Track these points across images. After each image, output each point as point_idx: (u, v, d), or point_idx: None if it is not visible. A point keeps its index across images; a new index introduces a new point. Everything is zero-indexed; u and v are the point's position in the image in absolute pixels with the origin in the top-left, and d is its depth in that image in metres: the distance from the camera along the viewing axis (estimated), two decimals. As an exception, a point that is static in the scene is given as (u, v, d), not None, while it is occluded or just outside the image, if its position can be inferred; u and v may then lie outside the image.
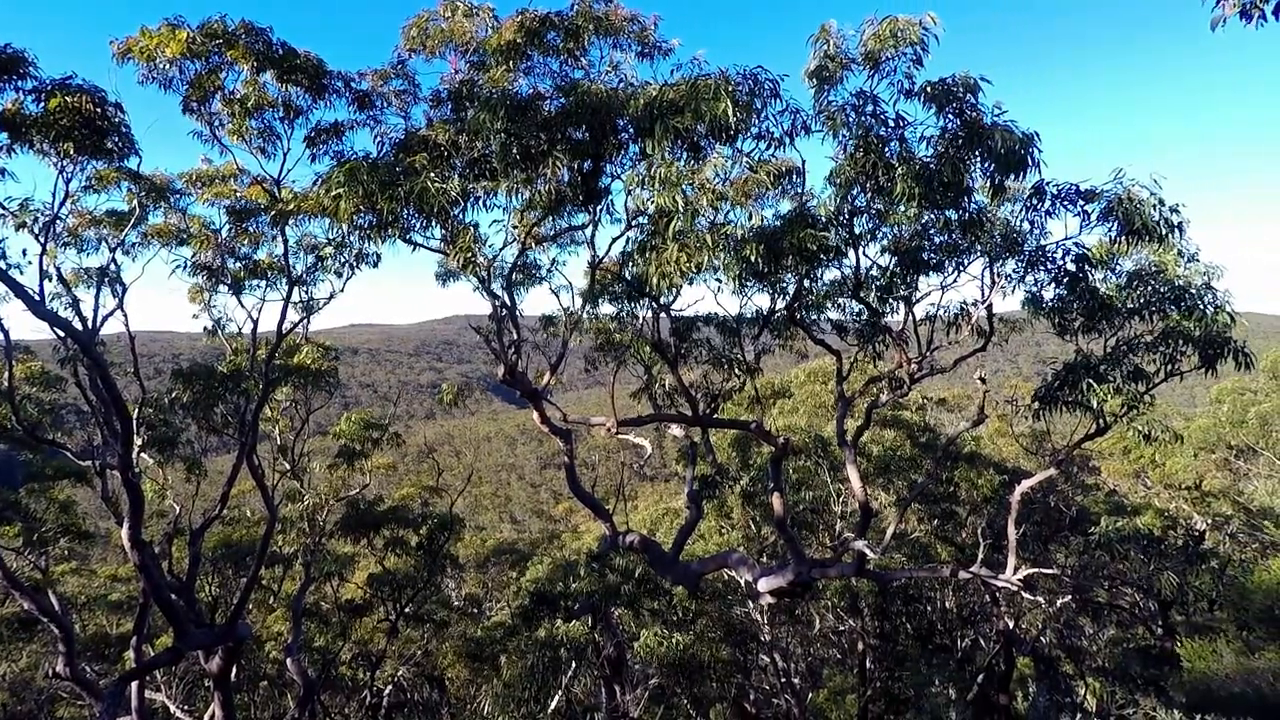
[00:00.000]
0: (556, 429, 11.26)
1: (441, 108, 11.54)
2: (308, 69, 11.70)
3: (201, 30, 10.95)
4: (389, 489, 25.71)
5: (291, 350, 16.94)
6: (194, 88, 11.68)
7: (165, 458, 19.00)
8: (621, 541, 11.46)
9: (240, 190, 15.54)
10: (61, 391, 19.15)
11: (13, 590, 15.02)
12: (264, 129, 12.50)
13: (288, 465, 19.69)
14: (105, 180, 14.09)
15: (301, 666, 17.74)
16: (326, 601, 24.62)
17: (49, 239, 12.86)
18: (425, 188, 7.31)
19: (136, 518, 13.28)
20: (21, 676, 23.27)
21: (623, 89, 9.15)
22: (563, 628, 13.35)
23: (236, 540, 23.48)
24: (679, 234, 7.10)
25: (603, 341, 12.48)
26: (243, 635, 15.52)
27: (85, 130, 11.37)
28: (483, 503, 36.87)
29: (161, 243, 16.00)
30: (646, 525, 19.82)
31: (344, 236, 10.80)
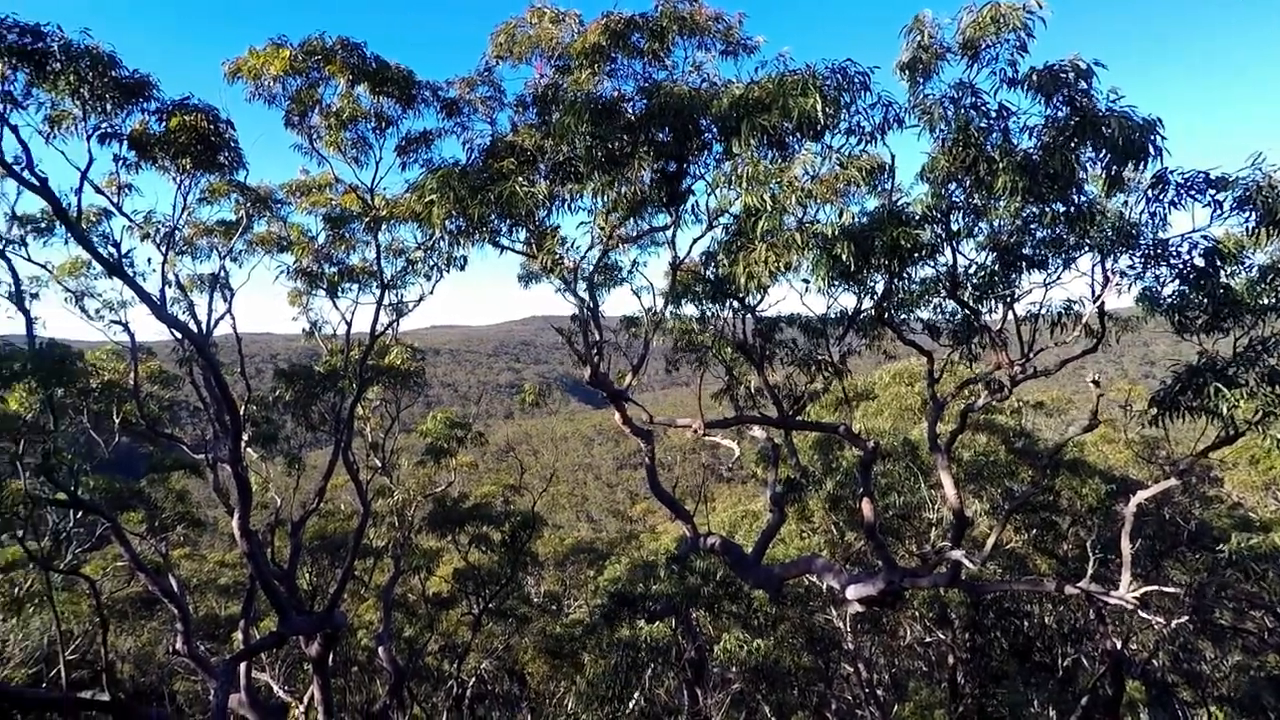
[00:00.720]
0: (638, 429, 11.28)
1: (526, 113, 11.77)
2: (398, 80, 12.20)
3: (302, 48, 11.58)
4: (471, 486, 26.44)
5: (382, 351, 17.67)
6: (295, 103, 12.36)
7: (268, 453, 20.16)
8: (702, 543, 11.38)
9: (336, 199, 16.34)
10: (178, 389, 20.59)
11: (138, 571, 16.25)
12: (357, 140, 13.11)
13: (378, 462, 20.54)
14: (217, 192, 15.10)
15: (392, 655, 18.46)
16: (414, 593, 25.54)
17: (169, 248, 13.87)
18: (513, 191, 7.45)
19: (245, 508, 14.16)
20: (144, 651, 25.04)
21: (706, 89, 9.09)
22: (644, 629, 13.37)
23: (331, 532, 24.67)
24: (767, 233, 6.98)
25: (684, 342, 12.44)
26: (339, 623, 16.29)
27: (200, 146, 12.20)
28: (560, 502, 37.40)
29: (265, 250, 17.01)
30: (725, 527, 19.64)
31: (434, 240, 11.15)
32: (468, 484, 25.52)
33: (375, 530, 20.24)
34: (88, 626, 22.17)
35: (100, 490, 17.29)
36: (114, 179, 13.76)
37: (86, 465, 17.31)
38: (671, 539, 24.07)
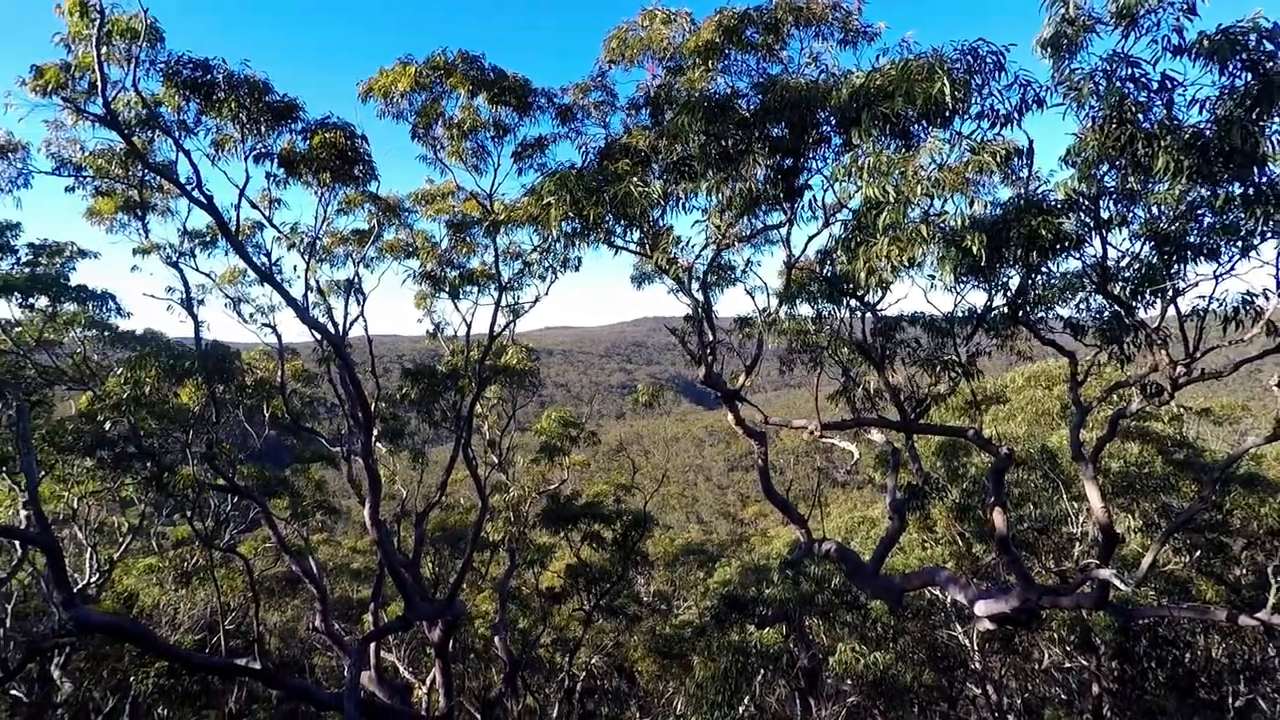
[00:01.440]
0: (752, 431, 11.09)
1: (638, 114, 11.87)
2: (515, 89, 12.65)
3: (427, 64, 12.25)
4: (584, 485, 26.97)
5: (500, 351, 18.35)
6: (420, 116, 13.10)
7: (395, 447, 21.45)
8: (816, 549, 11.03)
9: (457, 205, 17.16)
10: (318, 387, 22.28)
11: (284, 553, 17.72)
12: (477, 148, 13.72)
13: (496, 459, 21.35)
14: (352, 203, 16.25)
15: (507, 644, 19.13)
16: (528, 587, 26.35)
17: (311, 256, 15.02)
18: (629, 192, 7.50)
19: (375, 499, 15.11)
20: (288, 626, 27.23)
21: (824, 80, 8.81)
22: (755, 633, 13.13)
23: (451, 525, 25.90)
24: (889, 226, 6.64)
25: (798, 343, 12.12)
26: (459, 611, 17.07)
27: (339, 161, 13.18)
28: (670, 502, 37.46)
29: (393, 256, 18.11)
30: (841, 533, 18.98)
31: (550, 242, 11.44)
32: (580, 482, 26.08)
33: (492, 524, 21.03)
34: (242, 601, 24.38)
35: (252, 478, 18.90)
36: (265, 194, 15.11)
37: (241, 455, 19.06)
38: (784, 543, 23.56)
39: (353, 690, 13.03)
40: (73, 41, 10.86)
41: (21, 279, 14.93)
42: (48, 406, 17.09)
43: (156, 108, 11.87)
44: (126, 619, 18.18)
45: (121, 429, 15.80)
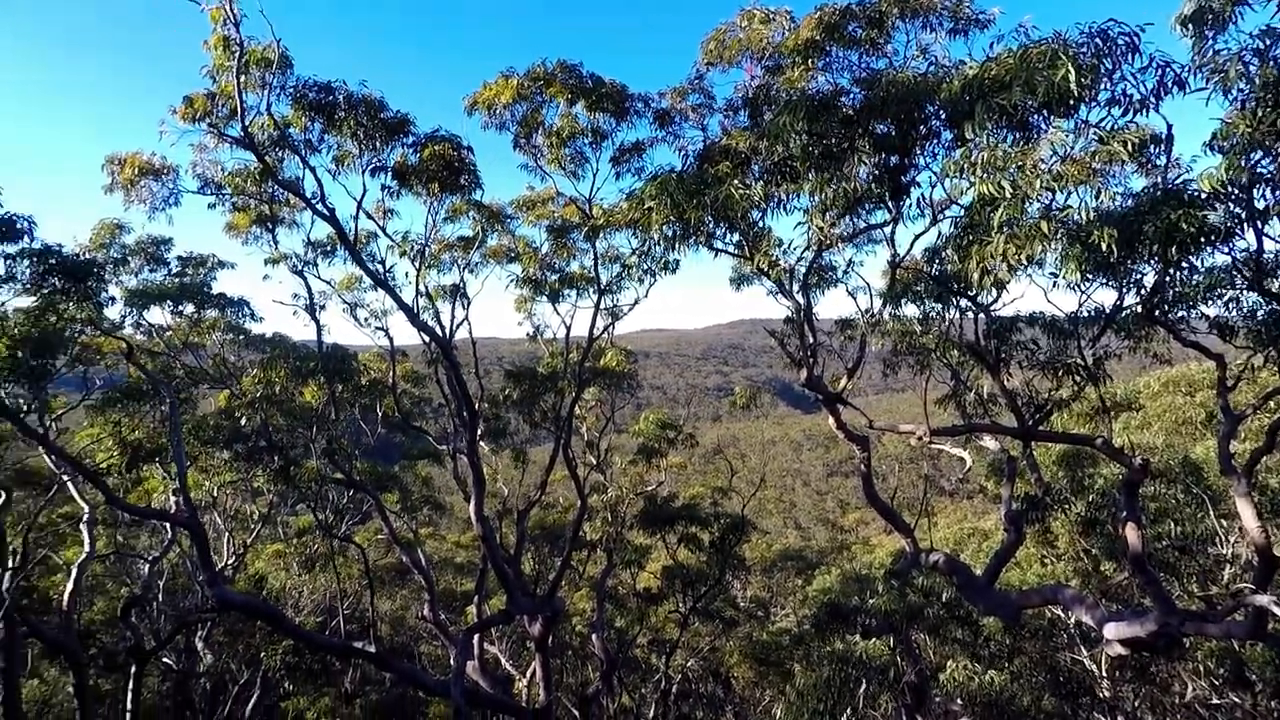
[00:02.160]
0: (854, 435, 10.76)
1: (737, 116, 11.80)
2: (613, 95, 12.85)
3: (527, 75, 12.65)
4: (680, 487, 27.00)
5: (598, 354, 18.65)
6: (522, 126, 13.55)
7: (497, 446, 22.19)
8: (924, 560, 10.57)
9: (557, 211, 17.58)
10: (425, 387, 23.37)
11: (394, 544, 18.73)
12: (575, 155, 14.04)
13: (594, 459, 21.71)
14: (457, 211, 16.96)
15: (604, 643, 19.39)
16: (624, 587, 26.63)
17: (421, 263, 15.78)
18: (729, 195, 7.46)
19: (480, 495, 15.69)
20: (397, 614, 28.70)
21: (932, 73, 8.46)
22: (859, 644, 12.72)
23: (550, 523, 26.51)
24: (1005, 223, 6.29)
25: (904, 345, 11.68)
26: (558, 608, 17.48)
27: (446, 172, 13.80)
28: (767, 506, 36.80)
29: (496, 261, 18.75)
30: (949, 544, 18.09)
31: (649, 246, 11.54)
32: (677, 484, 26.14)
33: (590, 524, 21.41)
34: (357, 588, 25.92)
35: (366, 473, 20.02)
36: (380, 205, 16.03)
37: (356, 451, 20.26)
38: (887, 552, 22.73)
39: (459, 678, 13.59)
40: (216, 72, 11.91)
41: (172, 288, 16.47)
42: (193, 404, 18.72)
43: (286, 129, 12.86)
44: (259, 599, 19.77)
45: (254, 425, 17.14)
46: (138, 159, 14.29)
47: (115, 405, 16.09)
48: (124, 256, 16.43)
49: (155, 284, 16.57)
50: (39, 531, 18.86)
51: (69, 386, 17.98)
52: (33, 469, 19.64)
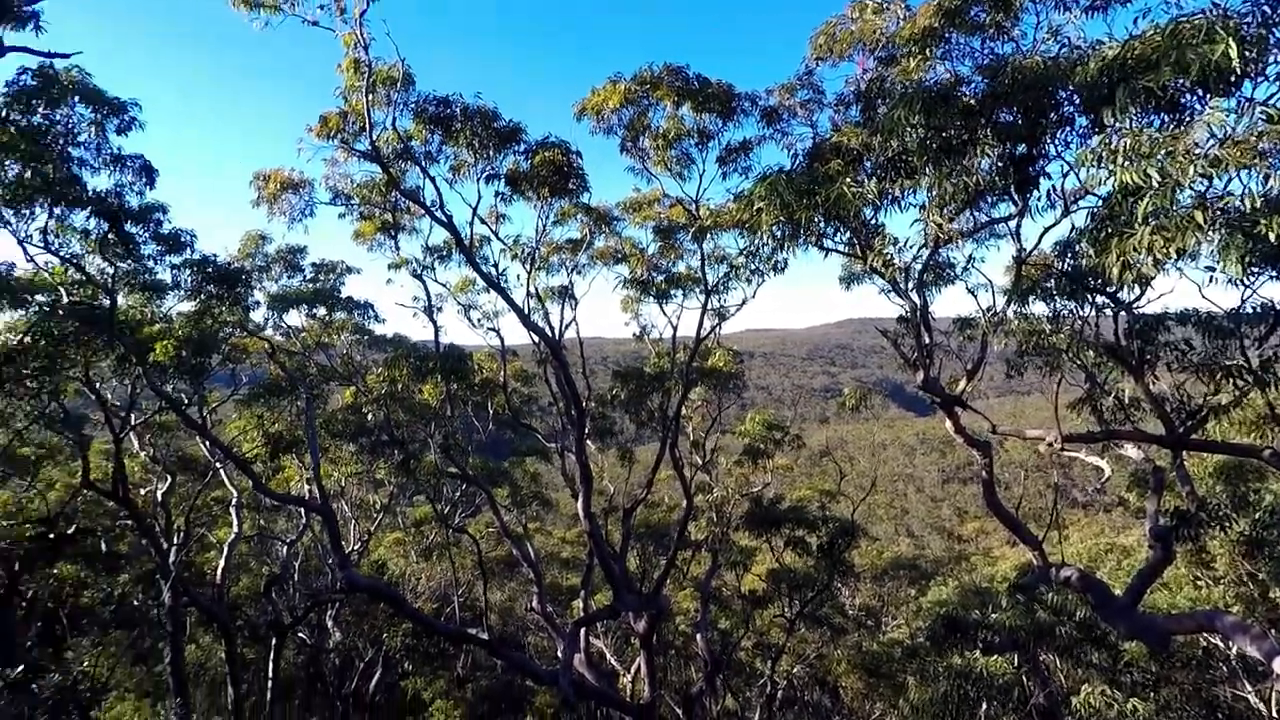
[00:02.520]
0: (974, 440, 10.21)
1: (848, 111, 11.46)
2: (719, 96, 12.81)
3: (634, 79, 12.82)
4: (786, 489, 26.52)
5: (705, 354, 18.63)
6: (629, 130, 13.74)
7: (603, 445, 22.58)
8: (1054, 575, 9.88)
9: (663, 212, 17.70)
10: (535, 386, 24.12)
11: (505, 536, 19.45)
12: (681, 156, 14.10)
13: (699, 459, 21.69)
14: (566, 215, 17.41)
15: (708, 643, 19.35)
16: (729, 588, 26.45)
17: (532, 265, 16.30)
18: (841, 194, 7.26)
19: (587, 493, 16.03)
20: (506, 605, 29.76)
21: (1065, 56, 7.90)
22: (979, 660, 12.04)
23: (655, 522, 26.68)
24: (1152, 214, 5.78)
25: (1030, 345, 10.96)
26: (663, 606, 17.60)
27: (556, 177, 14.21)
28: (877, 512, 35.23)
29: (603, 262, 19.10)
30: (1083, 560, 16.82)
31: (757, 246, 11.42)
32: (783, 486, 25.68)
33: (695, 524, 21.42)
34: (470, 577, 27.09)
35: (478, 468, 20.87)
36: (493, 211, 16.72)
37: (469, 446, 21.18)
38: (1011, 565, 21.42)
39: (567, 669, 13.95)
40: (348, 92, 12.82)
41: (308, 293, 17.84)
42: (324, 399, 20.18)
43: (408, 141, 13.66)
44: (383, 583, 21.06)
45: (377, 420, 18.27)
46: (279, 175, 15.60)
47: (259, 400, 17.64)
48: (267, 264, 17.95)
49: (293, 289, 18.00)
50: (196, 513, 20.93)
51: (219, 382, 19.76)
52: (191, 456, 21.81)
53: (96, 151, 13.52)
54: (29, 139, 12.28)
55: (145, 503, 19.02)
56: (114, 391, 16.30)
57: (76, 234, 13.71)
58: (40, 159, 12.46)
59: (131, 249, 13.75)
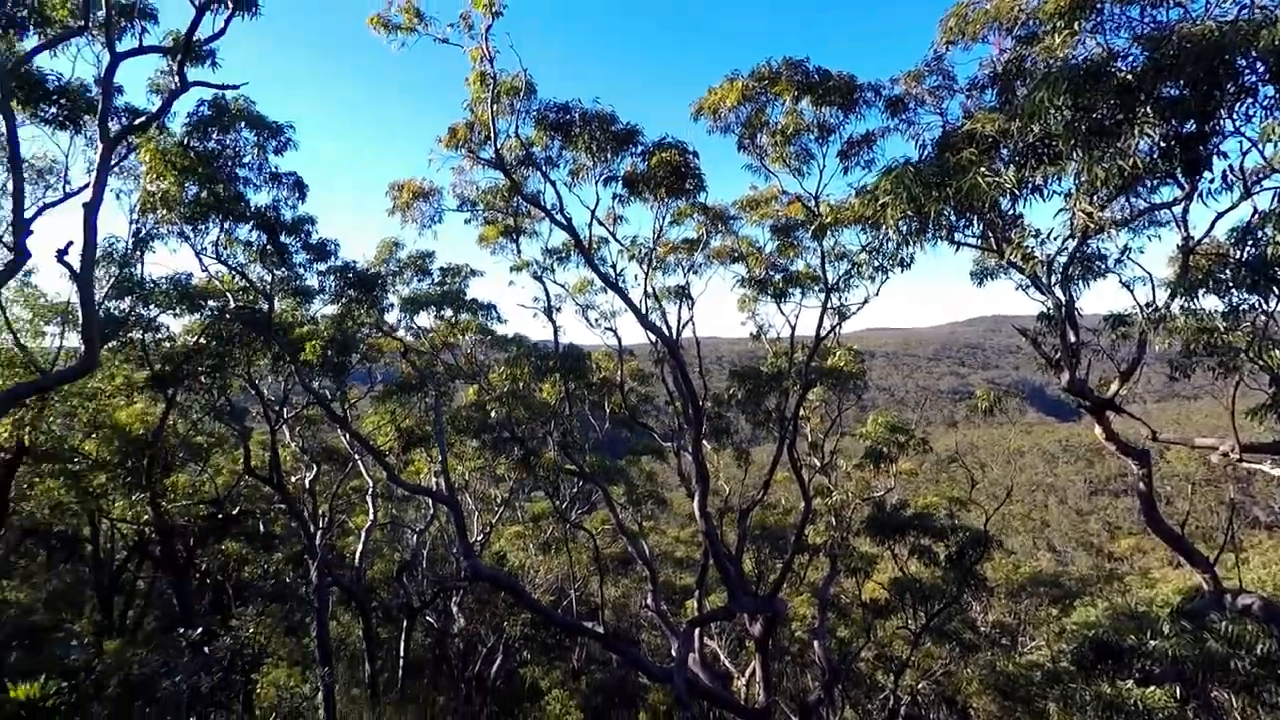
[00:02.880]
0: (1130, 448, 9.28)
1: (982, 96, 10.77)
2: (840, 87, 12.36)
3: (752, 76, 12.61)
4: (911, 494, 25.29)
5: (824, 354, 18.08)
6: (746, 127, 13.54)
7: (719, 444, 22.42)
8: (1230, 602, 8.82)
9: (781, 209, 17.36)
10: (651, 386, 24.30)
11: (620, 533, 19.72)
12: (800, 151, 13.73)
13: (818, 461, 21.09)
14: (682, 214, 17.43)
15: (826, 651, 18.75)
16: (848, 596, 25.54)
17: (649, 266, 16.43)
18: (975, 184, 6.78)
19: (704, 492, 15.96)
20: (620, 602, 30.17)
21: (1245, 19, 6.99)
22: (1134, 691, 10.91)
23: (771, 524, 26.21)
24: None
25: (1200, 344, 9.80)
26: (780, 609, 17.22)
27: (673, 177, 14.24)
28: (1013, 524, 32.59)
29: (719, 262, 18.97)
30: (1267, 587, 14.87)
31: (880, 242, 10.91)
32: (908, 491, 24.49)
33: (813, 527, 20.85)
34: (585, 572, 27.69)
35: (594, 465, 21.25)
36: (610, 213, 16.96)
37: (586, 444, 21.64)
38: (1174, 588, 19.34)
39: (681, 667, 13.95)
40: (474, 104, 13.44)
41: (436, 295, 18.84)
42: (449, 397, 21.24)
43: (530, 148, 14.12)
44: (504, 574, 21.95)
45: (500, 417, 19.02)
46: (411, 184, 16.59)
47: (392, 397, 18.83)
48: (399, 269, 19.11)
49: (423, 292, 19.08)
50: (338, 500, 22.66)
51: (357, 380, 21.25)
52: (333, 448, 23.61)
53: (258, 170, 14.97)
54: (205, 163, 13.77)
55: (295, 489, 20.78)
56: (269, 387, 17.92)
57: (241, 245, 15.21)
58: (214, 180, 13.95)
59: (285, 258, 15.09)
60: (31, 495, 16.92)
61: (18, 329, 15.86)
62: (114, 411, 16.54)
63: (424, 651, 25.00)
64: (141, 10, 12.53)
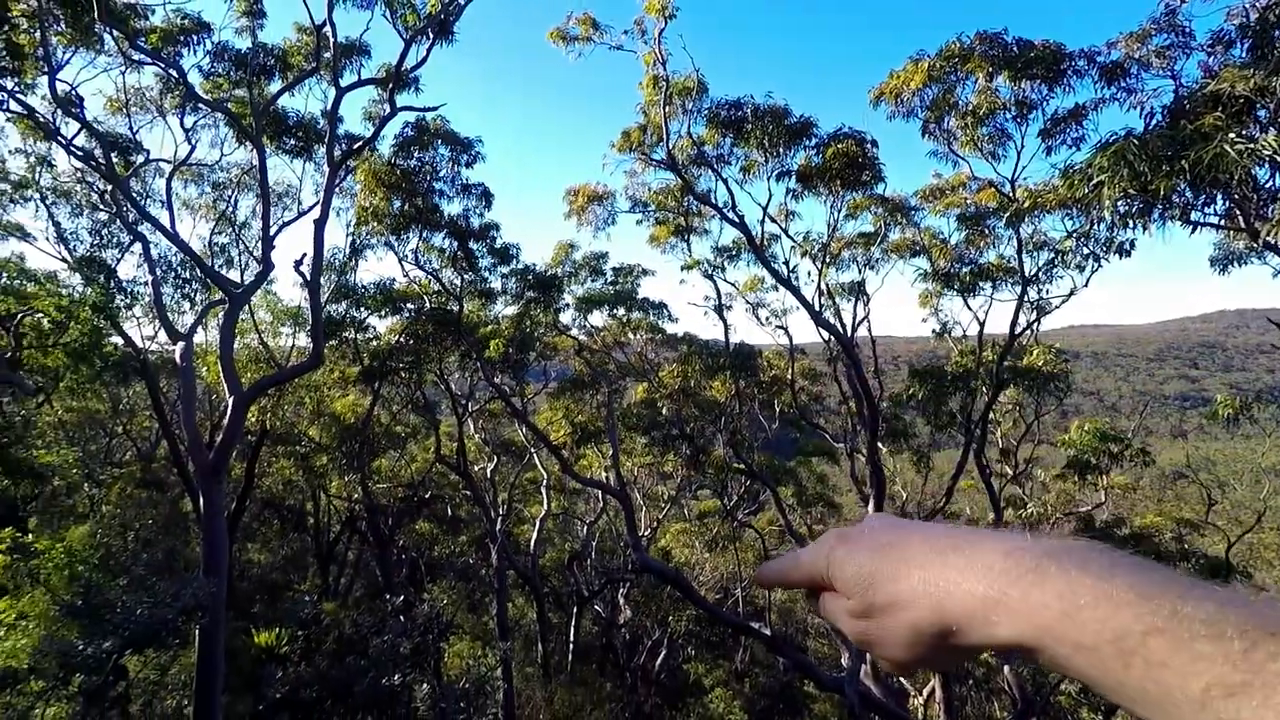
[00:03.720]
0: None
1: (1228, 51, 9.16)
2: (1044, 59, 11.13)
3: (939, 55, 11.68)
4: (1127, 512, 22.30)
5: (1018, 352, 16.44)
6: (931, 110, 12.57)
7: (896, 448, 21.14)
8: None
9: (969, 197, 16.06)
10: (823, 385, 23.46)
11: (789, 534, 19.18)
12: (994, 133, 12.56)
13: (1009, 470, 19.25)
14: (858, 207, 16.62)
15: (1020, 680, 17.05)
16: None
17: (822, 262, 15.83)
18: (1221, 152, 5.72)
19: (879, 497, 15.13)
20: (784, 606, 29.29)
21: None
22: None
23: (957, 534, 24.26)
24: None
25: None
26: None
27: (850, 169, 13.60)
28: (1264, 554, 27.18)
29: (898, 255, 17.89)
30: None
31: (1092, 226, 9.67)
32: (1121, 508, 21.59)
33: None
34: (751, 573, 27.28)
35: (763, 465, 20.86)
36: (782, 208, 16.55)
37: (754, 443, 21.30)
38: None
39: (854, 679, 13.33)
40: (647, 107, 13.67)
41: (609, 295, 19.43)
42: (620, 394, 21.82)
43: (701, 147, 14.11)
44: (671, 568, 22.21)
45: (669, 414, 19.24)
46: (586, 189, 17.21)
47: (566, 393, 19.69)
48: (574, 270, 19.92)
49: (596, 292, 19.74)
50: (515, 490, 24.14)
51: (533, 377, 22.44)
52: (511, 440, 25.16)
53: (451, 183, 16.35)
54: (407, 178, 15.30)
55: (478, 478, 22.41)
56: (456, 382, 19.47)
57: (435, 252, 16.66)
58: (414, 193, 15.46)
59: (473, 262, 16.31)
60: (269, 472, 19.73)
61: (261, 330, 18.56)
62: (332, 402, 18.83)
63: (591, 639, 25.95)
64: (359, 48, 14.18)
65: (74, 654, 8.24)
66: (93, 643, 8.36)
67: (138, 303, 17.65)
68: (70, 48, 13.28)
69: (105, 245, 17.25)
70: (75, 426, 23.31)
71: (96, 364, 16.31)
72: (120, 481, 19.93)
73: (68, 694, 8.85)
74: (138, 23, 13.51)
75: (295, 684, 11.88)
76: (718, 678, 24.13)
